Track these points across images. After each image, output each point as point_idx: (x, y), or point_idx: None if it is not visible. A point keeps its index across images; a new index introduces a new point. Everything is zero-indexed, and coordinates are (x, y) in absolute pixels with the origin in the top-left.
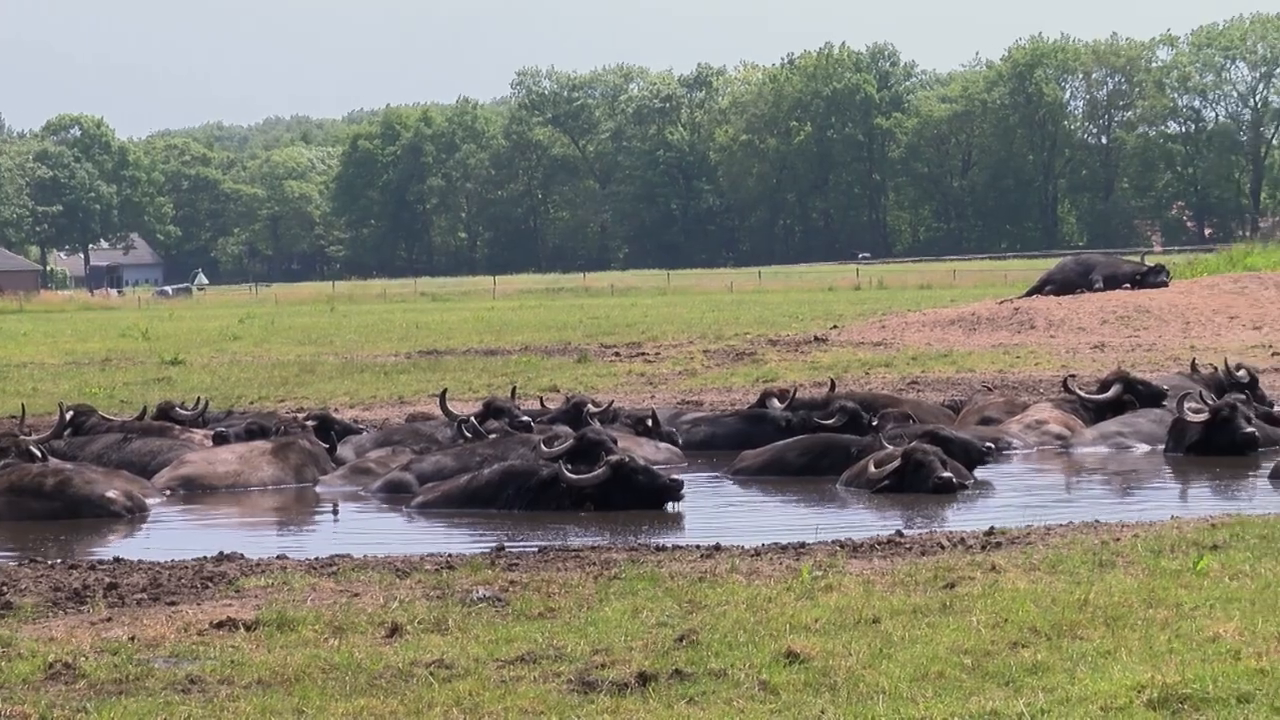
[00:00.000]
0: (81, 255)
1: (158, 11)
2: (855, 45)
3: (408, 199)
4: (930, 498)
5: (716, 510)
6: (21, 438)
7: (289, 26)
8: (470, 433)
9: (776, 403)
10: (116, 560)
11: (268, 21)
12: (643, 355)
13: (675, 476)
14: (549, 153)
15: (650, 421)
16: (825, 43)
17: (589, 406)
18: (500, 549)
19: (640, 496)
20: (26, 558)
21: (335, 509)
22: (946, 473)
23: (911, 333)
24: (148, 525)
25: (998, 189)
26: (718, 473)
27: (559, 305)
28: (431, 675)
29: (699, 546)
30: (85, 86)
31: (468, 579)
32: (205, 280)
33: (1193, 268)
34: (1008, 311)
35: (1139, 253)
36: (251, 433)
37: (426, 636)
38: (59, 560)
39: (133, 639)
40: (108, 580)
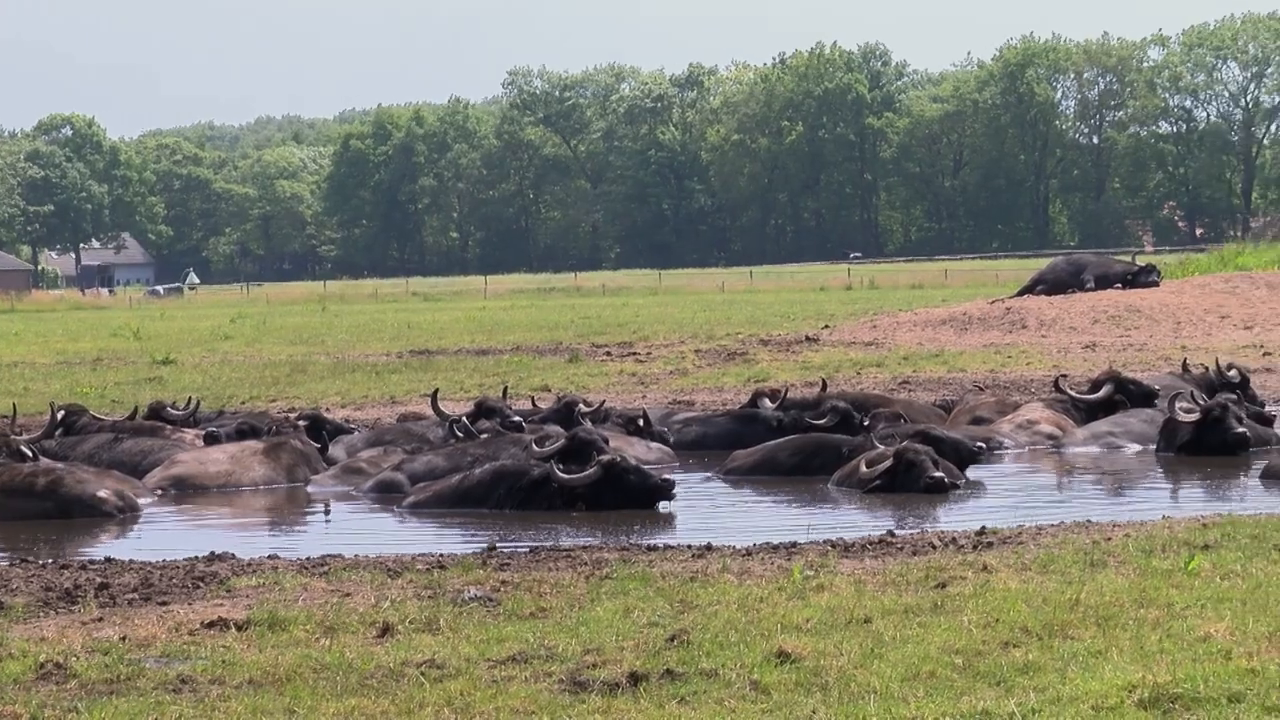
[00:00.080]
0: (73, 255)
1: (149, 11)
2: (847, 45)
3: (399, 199)
4: (922, 497)
5: (708, 510)
6: (13, 437)
7: (280, 26)
8: (462, 432)
9: (768, 403)
10: (108, 560)
11: (259, 21)
12: (634, 355)
13: (667, 476)
14: (540, 152)
15: (642, 421)
16: (817, 42)
17: (580, 406)
18: (492, 549)
19: (632, 496)
20: (18, 558)
21: (327, 509)
22: (938, 472)
23: (903, 332)
24: (139, 525)
25: (989, 189)
26: (709, 473)
27: (551, 305)
28: (423, 675)
29: (690, 546)
30: (77, 86)
31: (459, 579)
32: (197, 280)
33: (1184, 267)
34: (999, 311)
35: (1130, 253)
36: (243, 433)
37: (418, 636)
38: (50, 560)
39: (124, 639)
40: (99, 580)
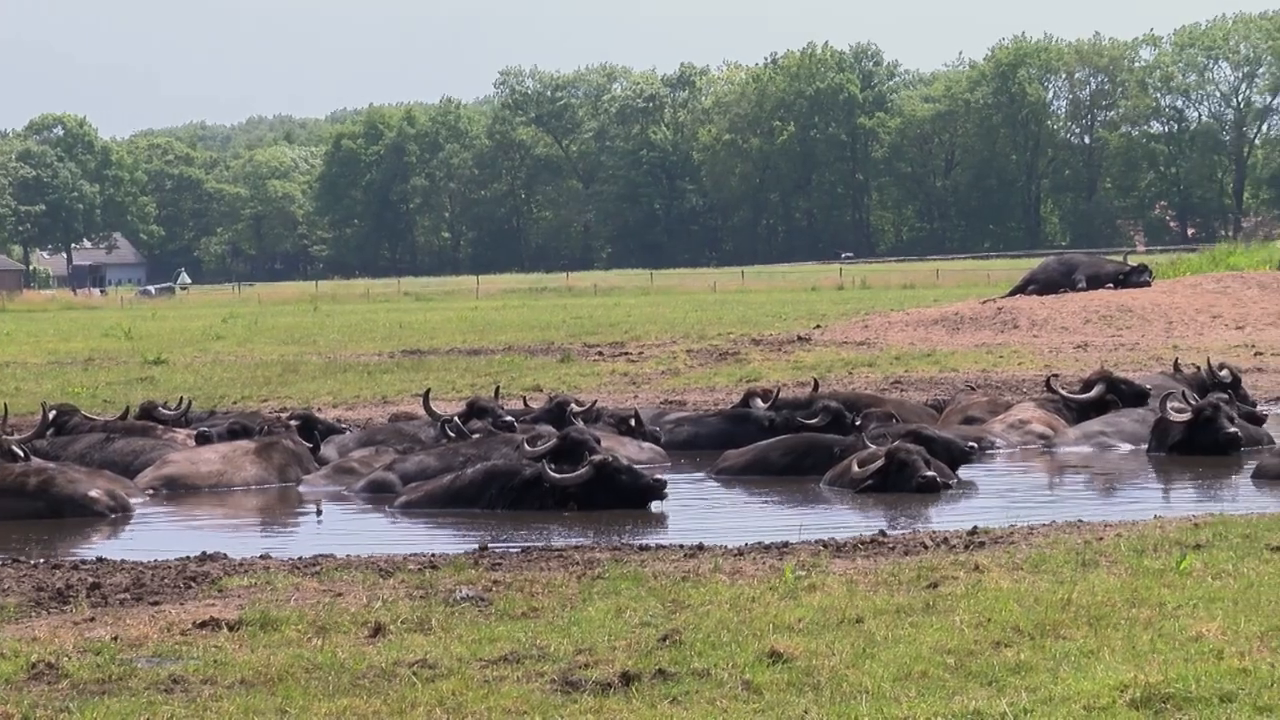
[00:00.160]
0: (64, 255)
1: (142, 11)
2: (838, 45)
3: (391, 198)
4: (913, 497)
5: (700, 510)
6: (4, 437)
7: (272, 26)
8: (454, 432)
9: (760, 402)
10: (99, 560)
11: (251, 21)
12: (626, 355)
13: (658, 476)
14: (532, 152)
15: (633, 421)
16: (808, 42)
17: (572, 406)
18: (483, 549)
19: (623, 496)
20: (9, 557)
21: (318, 509)
22: (930, 472)
23: (895, 332)
24: (131, 525)
25: (981, 189)
26: (701, 472)
27: (542, 305)
28: (415, 675)
29: (682, 546)
30: (68, 86)
31: (451, 579)
32: (188, 280)
33: (1175, 267)
34: (991, 311)
35: (1122, 252)
36: (234, 432)
37: (410, 636)
38: (42, 560)
39: (116, 639)
40: (91, 580)
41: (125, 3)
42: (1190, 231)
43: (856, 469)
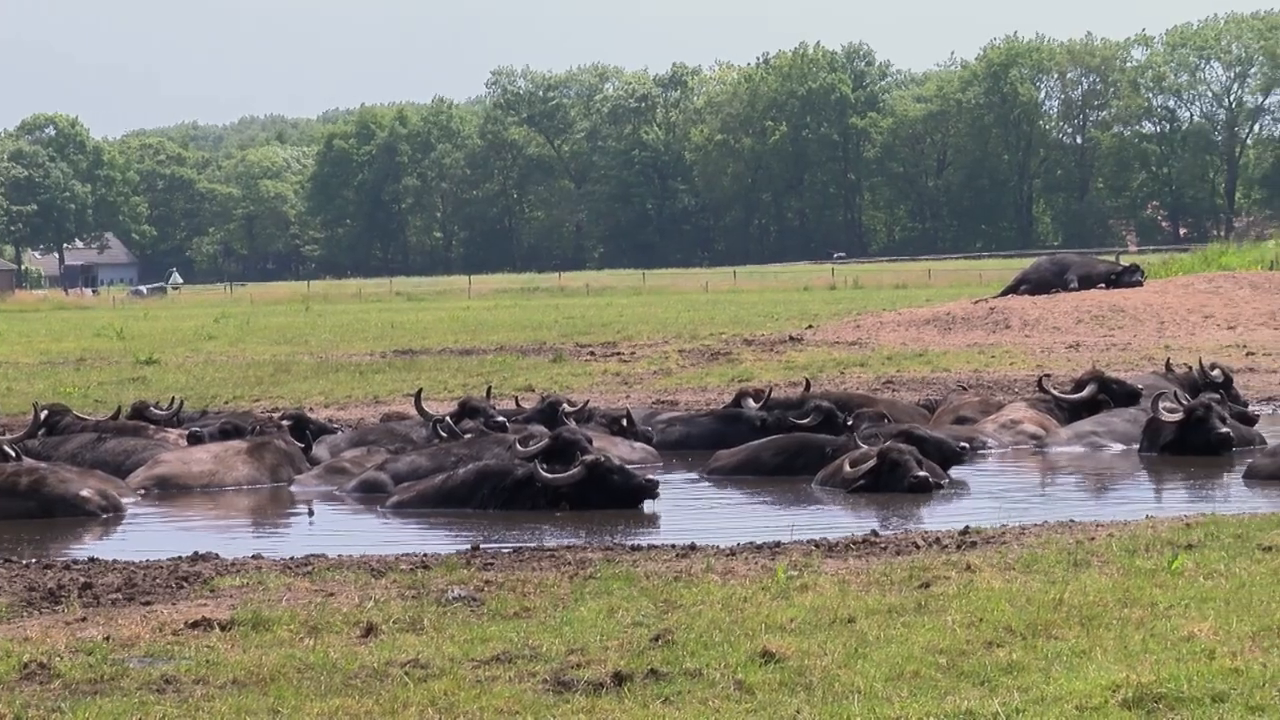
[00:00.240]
0: (56, 255)
1: (134, 11)
2: (830, 45)
3: (383, 198)
4: (905, 497)
5: (692, 510)
6: None
7: (264, 26)
8: (445, 432)
9: (751, 402)
10: (91, 560)
11: (242, 21)
12: (618, 355)
13: (650, 476)
14: (524, 152)
15: (625, 421)
16: (800, 42)
17: (564, 406)
18: (475, 549)
19: (615, 496)
20: (1, 557)
21: (310, 509)
22: (922, 472)
23: (887, 332)
24: (123, 525)
25: (973, 189)
26: (693, 472)
27: (534, 305)
28: (407, 675)
29: (674, 546)
30: (60, 86)
31: (443, 579)
32: (180, 280)
33: (1167, 267)
34: (983, 311)
35: (1114, 252)
36: (226, 432)
37: (402, 636)
38: (34, 560)
39: (108, 639)
40: (83, 580)
41: (117, 3)
42: (1182, 231)
43: (848, 469)
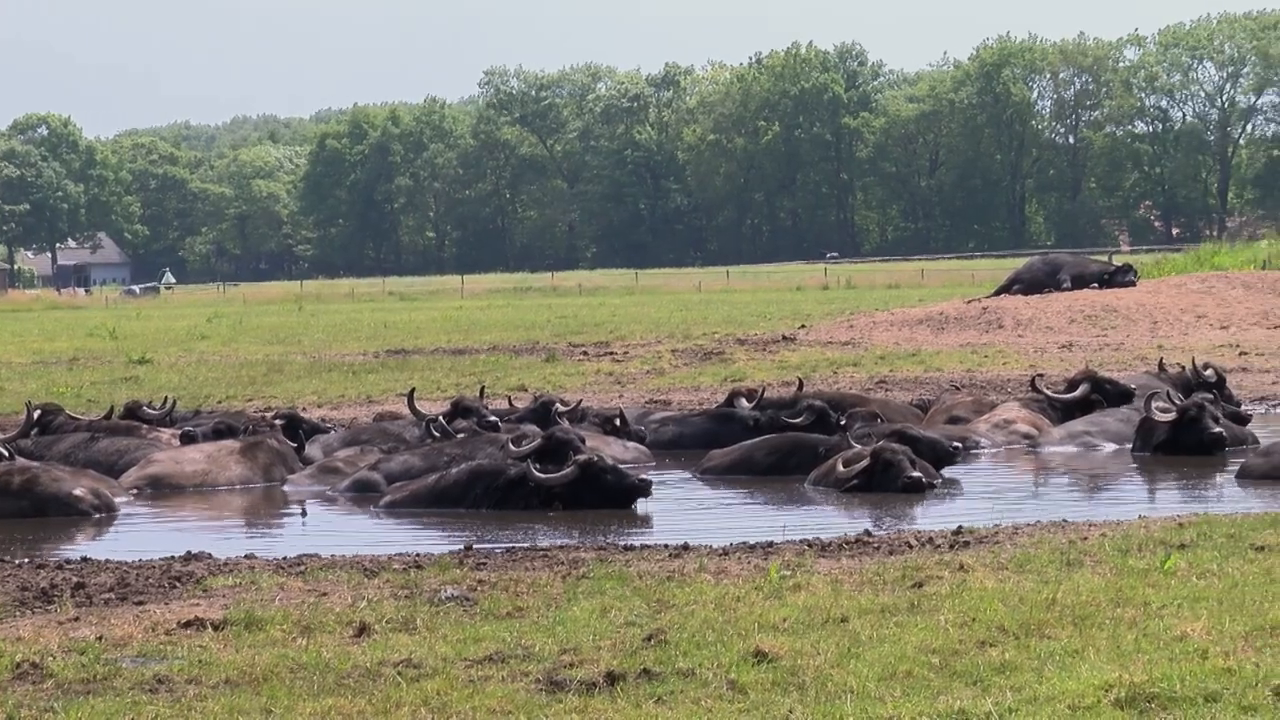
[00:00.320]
0: (49, 254)
1: (126, 11)
2: (823, 45)
3: (375, 198)
4: (898, 497)
5: (684, 510)
6: None
7: (256, 26)
8: (438, 432)
9: (744, 402)
10: (84, 559)
11: (235, 21)
12: (611, 355)
13: (644, 476)
14: (517, 152)
15: (618, 421)
16: (793, 42)
17: (557, 406)
18: (468, 548)
19: (608, 496)
20: None
21: (303, 508)
22: (916, 472)
23: (879, 332)
24: (115, 524)
25: (965, 189)
26: (686, 472)
27: (527, 305)
28: (399, 675)
29: (667, 546)
30: (53, 85)
31: (436, 578)
32: (173, 279)
33: (1160, 267)
34: (975, 311)
35: (1106, 252)
36: (219, 432)
37: (394, 636)
38: (26, 559)
39: (100, 639)
40: (75, 580)
41: (111, 3)
42: (1175, 231)
43: (841, 469)
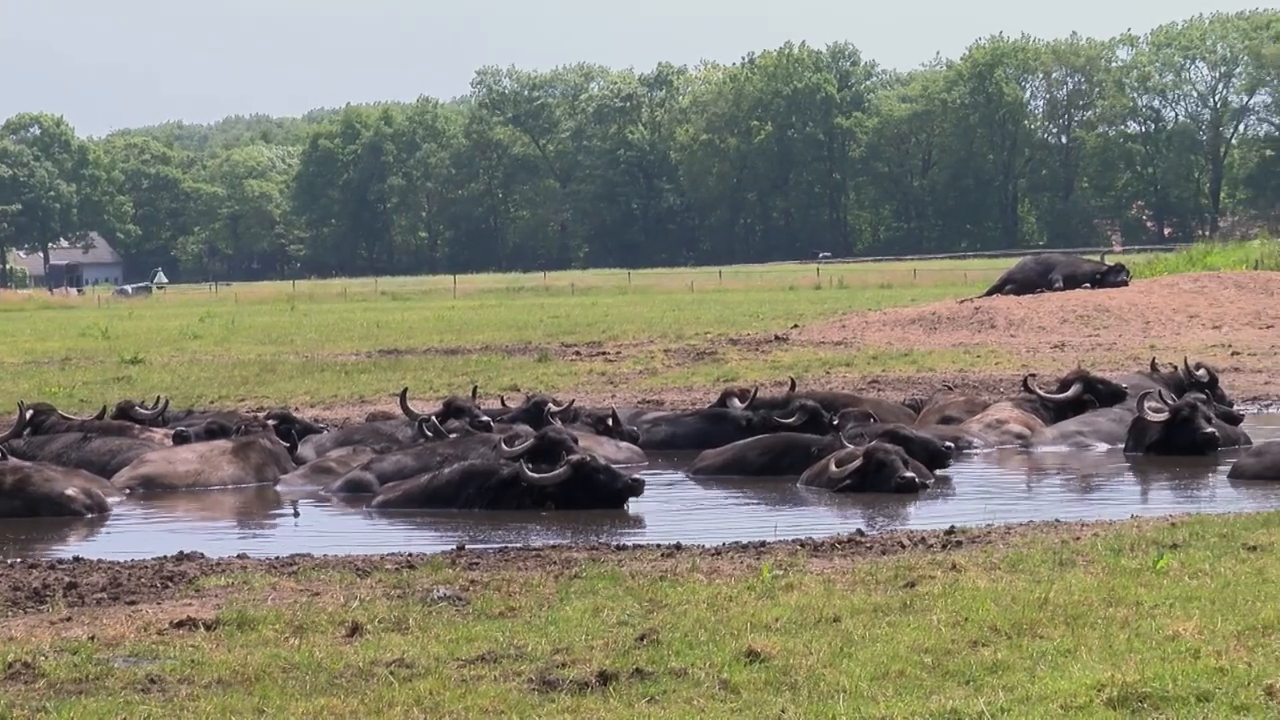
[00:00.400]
0: (41, 254)
1: (119, 10)
2: (815, 45)
3: (368, 198)
4: (890, 497)
5: (677, 510)
6: None
7: (249, 26)
8: (431, 432)
9: (737, 402)
10: (76, 559)
11: (228, 20)
12: (603, 354)
13: (636, 476)
14: (509, 152)
15: (611, 421)
16: (785, 42)
17: (550, 406)
18: (461, 548)
19: (601, 496)
20: None
21: (295, 508)
22: (909, 472)
23: (872, 332)
24: (107, 524)
25: (958, 188)
26: (678, 472)
27: (520, 304)
28: (392, 674)
29: (660, 546)
30: (45, 85)
31: (428, 578)
32: (165, 279)
33: (1152, 267)
34: (968, 311)
35: (1099, 252)
36: (212, 432)
37: (387, 636)
38: (18, 559)
39: (92, 638)
40: (67, 579)
41: (103, 2)
42: (1167, 231)
43: (834, 469)
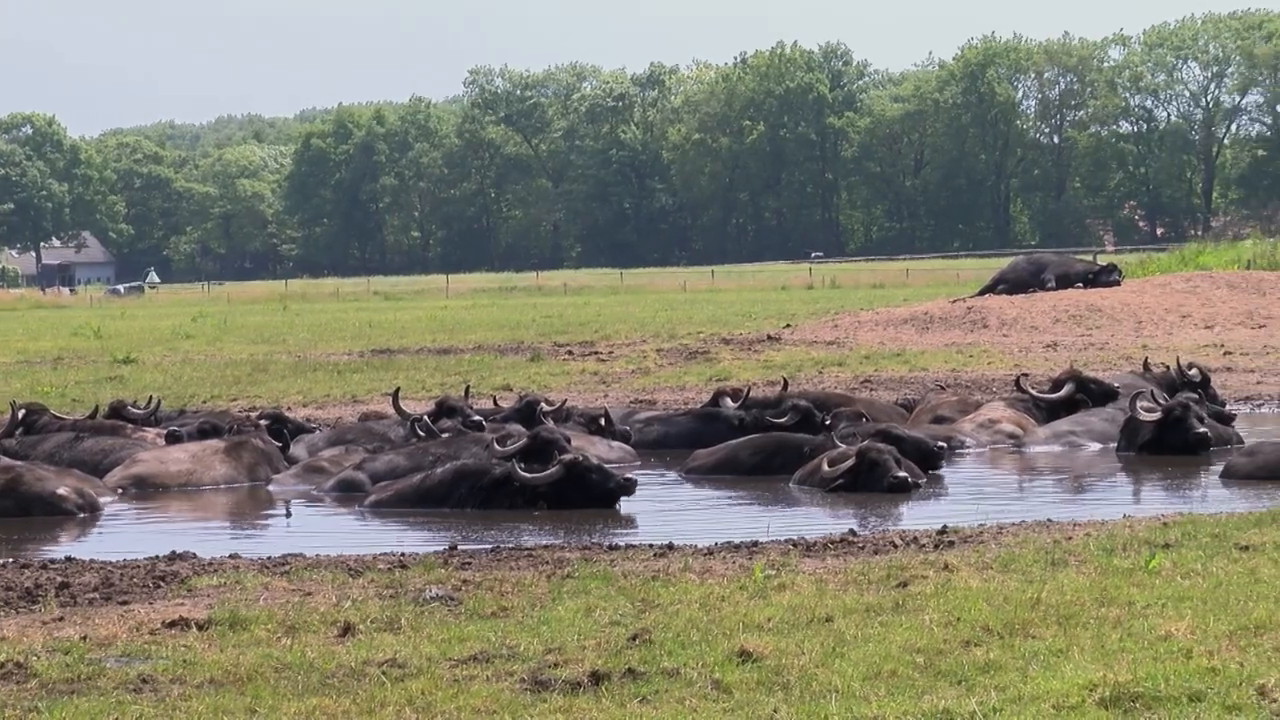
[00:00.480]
0: (33, 254)
1: (111, 10)
2: (808, 44)
3: (360, 198)
4: (883, 497)
5: (670, 509)
6: None
7: (241, 25)
8: (423, 432)
9: (729, 402)
10: (68, 559)
11: (220, 20)
12: (596, 354)
13: (628, 475)
14: (502, 151)
15: (603, 420)
16: (778, 42)
17: (542, 405)
18: (453, 548)
19: (593, 495)
20: None
21: (288, 508)
22: (902, 472)
23: (864, 332)
24: (100, 524)
25: (950, 188)
26: (671, 472)
27: (512, 304)
28: (384, 674)
29: (652, 545)
30: (37, 84)
31: (421, 578)
32: (157, 279)
33: (1145, 267)
34: (960, 311)
35: (1091, 252)
36: (204, 432)
37: (379, 636)
38: (10, 559)
39: (85, 638)
40: (59, 579)
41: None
42: (1159, 231)
43: (827, 468)
